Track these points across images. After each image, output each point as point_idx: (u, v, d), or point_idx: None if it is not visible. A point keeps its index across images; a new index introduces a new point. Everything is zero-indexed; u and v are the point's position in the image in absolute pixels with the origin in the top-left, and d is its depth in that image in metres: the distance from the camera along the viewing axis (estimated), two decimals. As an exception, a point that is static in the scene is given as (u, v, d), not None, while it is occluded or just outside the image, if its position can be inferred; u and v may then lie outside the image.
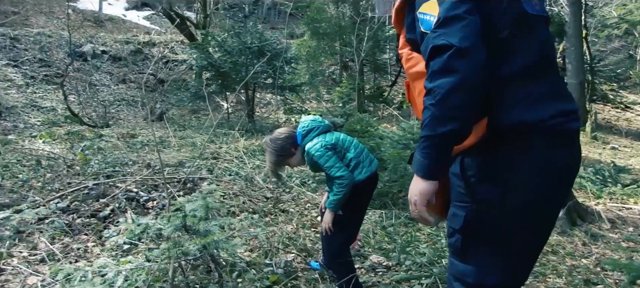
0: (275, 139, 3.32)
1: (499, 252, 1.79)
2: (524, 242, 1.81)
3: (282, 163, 3.41)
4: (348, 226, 3.33)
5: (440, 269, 3.79)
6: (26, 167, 5.63)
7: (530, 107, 1.71)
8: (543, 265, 4.23)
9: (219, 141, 8.23)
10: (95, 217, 4.22)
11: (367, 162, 3.25)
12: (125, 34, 19.95)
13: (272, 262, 3.68)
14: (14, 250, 3.50)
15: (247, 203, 5.04)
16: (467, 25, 1.64)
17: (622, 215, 5.98)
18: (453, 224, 1.87)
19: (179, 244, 2.69)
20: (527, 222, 1.78)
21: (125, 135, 8.36)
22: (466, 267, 1.84)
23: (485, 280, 1.81)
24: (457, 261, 1.88)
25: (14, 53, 14.23)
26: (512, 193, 1.73)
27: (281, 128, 3.52)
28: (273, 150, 3.31)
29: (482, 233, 1.79)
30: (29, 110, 10.54)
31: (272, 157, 3.33)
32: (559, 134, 1.74)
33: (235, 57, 11.03)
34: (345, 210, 3.23)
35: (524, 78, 1.75)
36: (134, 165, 5.93)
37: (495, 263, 1.80)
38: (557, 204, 1.89)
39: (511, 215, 1.75)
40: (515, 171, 1.73)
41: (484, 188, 1.76)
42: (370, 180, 3.26)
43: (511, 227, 1.77)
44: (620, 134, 15.69)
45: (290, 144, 3.31)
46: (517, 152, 1.72)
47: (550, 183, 1.76)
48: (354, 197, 3.21)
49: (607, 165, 8.86)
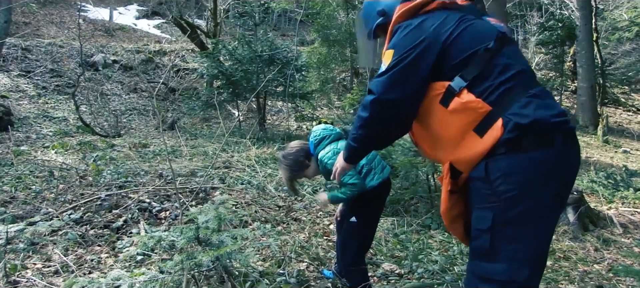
0: (287, 155, 3.33)
1: (526, 246, 1.92)
2: (545, 234, 1.97)
3: (297, 177, 3.43)
4: (363, 233, 3.33)
5: (453, 277, 3.78)
6: (39, 178, 5.68)
7: (541, 107, 1.93)
8: (555, 271, 4.21)
9: (231, 150, 8.27)
10: (108, 228, 4.25)
11: (379, 168, 3.24)
12: (136, 43, 20.07)
13: (285, 271, 3.68)
14: (28, 262, 3.53)
15: (259, 212, 5.05)
16: (396, 79, 2.09)
17: (634, 219, 5.93)
18: (480, 226, 1.98)
19: (192, 256, 2.71)
20: (549, 214, 1.96)
21: (137, 145, 8.41)
22: (495, 265, 1.94)
23: (517, 275, 1.90)
24: (484, 262, 1.98)
25: (25, 64, 14.35)
26: (537, 187, 1.90)
27: (292, 142, 3.51)
28: (286, 166, 3.32)
29: (509, 229, 1.92)
30: (41, 121, 10.63)
31: (287, 172, 3.34)
32: (569, 132, 1.95)
33: (246, 65, 11.04)
34: (360, 217, 3.24)
35: (522, 82, 2.00)
36: (146, 175, 5.97)
37: (524, 257, 1.92)
38: (567, 197, 2.09)
39: (536, 209, 1.91)
40: (540, 166, 1.90)
41: (510, 185, 1.90)
42: (382, 187, 3.25)
43: (536, 221, 1.92)
44: (632, 138, 15.54)
45: (303, 157, 3.31)
46: (542, 148, 1.91)
47: (567, 175, 1.99)
48: (367, 204, 3.23)
49: (618, 169, 8.80)
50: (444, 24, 2.09)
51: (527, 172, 1.90)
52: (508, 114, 1.92)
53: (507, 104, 1.94)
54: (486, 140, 1.95)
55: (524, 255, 1.92)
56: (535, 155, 1.90)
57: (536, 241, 1.94)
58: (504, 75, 1.99)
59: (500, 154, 1.93)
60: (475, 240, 2.02)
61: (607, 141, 14.07)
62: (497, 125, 1.92)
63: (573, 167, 2.02)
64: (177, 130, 10.96)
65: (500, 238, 1.93)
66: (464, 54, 2.03)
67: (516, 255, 1.92)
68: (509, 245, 1.92)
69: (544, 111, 1.92)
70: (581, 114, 16.89)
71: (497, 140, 1.92)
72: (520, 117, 1.90)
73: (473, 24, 2.11)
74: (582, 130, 15.64)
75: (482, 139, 1.96)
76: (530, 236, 1.92)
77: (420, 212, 5.37)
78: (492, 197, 1.94)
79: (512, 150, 1.90)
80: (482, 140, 1.96)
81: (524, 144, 1.90)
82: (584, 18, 16.88)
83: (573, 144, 1.99)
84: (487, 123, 1.96)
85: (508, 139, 1.90)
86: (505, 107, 1.94)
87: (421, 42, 2.06)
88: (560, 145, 1.92)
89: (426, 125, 2.18)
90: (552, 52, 20.02)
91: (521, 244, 1.92)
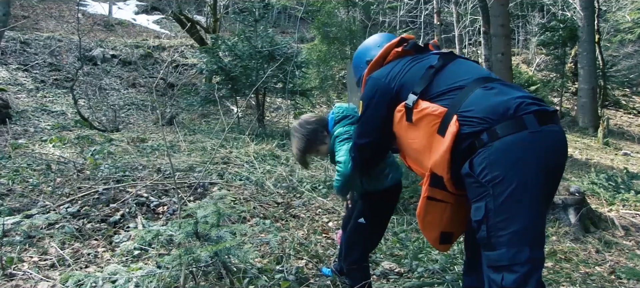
0: (306, 124, 3.14)
1: (522, 226, 2.03)
2: (537, 210, 2.06)
3: (311, 151, 3.21)
4: (370, 235, 3.22)
5: (453, 276, 3.75)
6: (36, 171, 5.63)
7: (497, 95, 2.15)
8: (557, 273, 4.17)
9: (230, 146, 8.22)
10: (106, 222, 4.20)
11: (394, 168, 3.15)
12: (135, 38, 20.01)
13: (284, 268, 3.64)
14: (25, 255, 3.49)
15: (257, 208, 5.01)
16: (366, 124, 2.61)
17: (635, 221, 5.91)
18: (476, 217, 2.12)
19: (190, 251, 2.66)
20: (538, 190, 2.06)
21: (135, 140, 8.36)
22: (497, 252, 2.06)
23: (518, 257, 2.02)
24: (488, 251, 2.11)
25: (24, 57, 14.29)
26: (520, 166, 2.03)
27: (306, 114, 3.36)
28: (303, 135, 3.12)
29: (502, 214, 2.04)
30: (39, 114, 10.57)
31: (302, 143, 3.13)
32: (542, 112, 2.08)
33: (246, 61, 11.00)
34: (368, 218, 3.13)
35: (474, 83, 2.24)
36: (144, 169, 5.92)
37: (521, 238, 2.03)
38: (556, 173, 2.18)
39: (524, 187, 2.02)
40: (518, 147, 2.05)
41: (495, 172, 2.04)
42: (395, 189, 3.18)
43: (527, 199, 2.03)
44: (632, 140, 15.55)
45: (322, 129, 3.14)
46: (515, 131, 2.05)
47: (551, 152, 2.10)
48: (379, 204, 3.14)
49: (619, 172, 8.78)
50: (393, 69, 2.49)
51: (508, 155, 2.04)
52: (461, 109, 2.14)
53: (459, 101, 2.17)
54: (446, 137, 2.15)
55: (521, 236, 2.02)
56: (510, 139, 2.04)
57: (530, 219, 2.03)
58: (451, 81, 2.27)
59: (479, 148, 2.09)
60: (477, 233, 2.14)
61: (608, 143, 14.06)
62: (453, 121, 2.13)
63: (555, 144, 2.12)
64: (175, 126, 10.92)
65: (495, 225, 2.05)
66: (412, 80, 2.38)
67: (513, 238, 2.03)
68: (504, 229, 2.04)
69: (500, 97, 2.13)
70: (581, 116, 16.89)
71: (455, 135, 2.12)
72: (474, 107, 2.12)
73: (420, 60, 2.47)
74: (582, 132, 15.62)
75: (443, 138, 2.17)
76: (524, 215, 2.03)
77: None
78: (481, 189, 2.09)
79: (488, 141, 2.06)
80: (444, 138, 2.16)
81: (498, 132, 2.05)
82: (587, 19, 16.88)
83: (552, 123, 2.11)
84: (445, 122, 2.17)
85: (472, 132, 2.11)
86: (458, 105, 2.17)
87: (377, 90, 2.48)
88: (535, 126, 2.05)
89: (404, 146, 2.51)
90: (553, 53, 20.03)
91: (516, 225, 2.02)
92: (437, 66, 2.36)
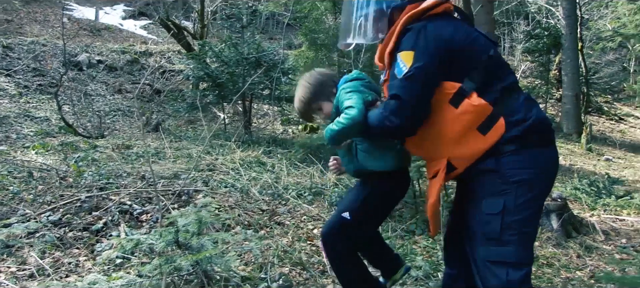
0: (315, 74, 2.88)
1: (533, 230, 2.26)
2: (539, 220, 2.32)
3: (315, 103, 2.85)
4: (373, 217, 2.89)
5: (436, 283, 3.76)
6: (17, 178, 5.57)
7: (538, 109, 2.25)
8: (538, 278, 4.21)
9: (215, 152, 8.18)
10: (88, 230, 4.17)
11: (405, 154, 2.80)
12: (122, 44, 19.88)
13: (267, 276, 3.63)
14: (2, 265, 3.45)
15: (242, 216, 5.00)
16: (416, 84, 2.18)
17: (615, 226, 6.00)
18: (491, 210, 2.19)
19: (171, 260, 2.65)
20: (543, 203, 2.31)
21: (120, 146, 8.30)
22: (505, 248, 2.17)
23: (524, 258, 2.19)
24: (494, 246, 2.20)
25: (7, 62, 14.11)
26: (544, 178, 2.24)
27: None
28: (310, 85, 2.83)
29: (520, 214, 2.16)
30: (22, 121, 10.46)
31: (308, 93, 2.82)
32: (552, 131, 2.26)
33: (232, 67, 10.97)
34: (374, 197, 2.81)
35: (517, 87, 2.28)
36: (129, 177, 5.88)
37: (529, 241, 2.23)
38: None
39: (542, 197, 2.27)
40: (547, 160, 2.24)
41: (524, 175, 2.16)
42: (401, 177, 2.87)
43: (538, 208, 2.26)
44: (614, 146, 15.72)
45: (332, 83, 2.83)
46: (546, 145, 2.24)
47: (555, 171, 2.31)
48: (388, 184, 2.82)
49: (601, 177, 8.87)
50: (456, 31, 2.24)
51: (538, 163, 2.18)
52: (508, 112, 2.17)
53: (507, 105, 2.18)
54: (489, 137, 2.17)
55: (529, 238, 2.23)
56: (542, 150, 2.21)
57: (536, 225, 2.28)
58: (503, 80, 2.23)
59: (510, 151, 2.17)
60: (485, 226, 2.22)
61: (591, 149, 14.20)
62: (500, 124, 2.16)
63: (557, 162, 2.32)
64: (161, 132, 10.86)
65: (510, 223, 2.16)
66: (471, 60, 2.22)
67: (524, 239, 2.18)
68: (518, 229, 2.16)
69: (541, 112, 2.24)
70: (565, 122, 17.03)
71: (500, 137, 2.16)
72: (523, 116, 2.17)
73: (476, 34, 2.31)
74: (566, 138, 15.75)
75: (484, 137, 2.17)
76: (535, 221, 2.24)
77: (405, 217, 5.34)
78: (504, 186, 2.17)
79: (522, 146, 2.16)
80: (485, 137, 2.17)
81: (532, 141, 2.17)
82: (570, 27, 17.05)
83: (555, 145, 2.31)
84: (489, 122, 2.16)
85: (514, 137, 2.15)
86: (505, 108, 2.17)
87: (439, 48, 2.18)
88: (554, 144, 2.27)
89: (424, 124, 2.27)
90: (538, 60, 20.24)
91: (529, 227, 2.20)
92: (494, 57, 2.25)
